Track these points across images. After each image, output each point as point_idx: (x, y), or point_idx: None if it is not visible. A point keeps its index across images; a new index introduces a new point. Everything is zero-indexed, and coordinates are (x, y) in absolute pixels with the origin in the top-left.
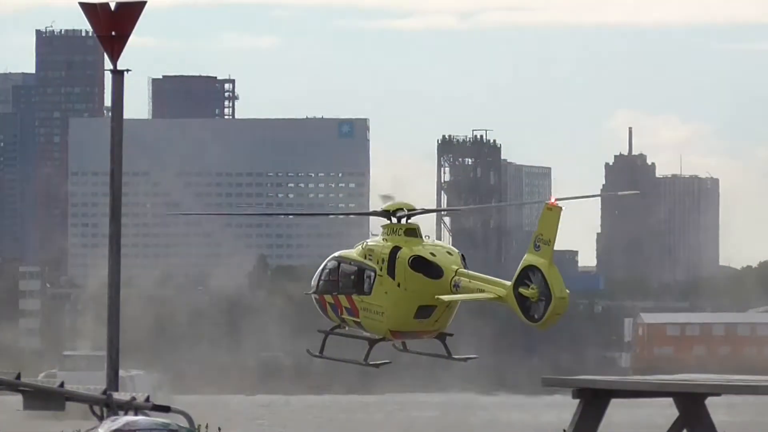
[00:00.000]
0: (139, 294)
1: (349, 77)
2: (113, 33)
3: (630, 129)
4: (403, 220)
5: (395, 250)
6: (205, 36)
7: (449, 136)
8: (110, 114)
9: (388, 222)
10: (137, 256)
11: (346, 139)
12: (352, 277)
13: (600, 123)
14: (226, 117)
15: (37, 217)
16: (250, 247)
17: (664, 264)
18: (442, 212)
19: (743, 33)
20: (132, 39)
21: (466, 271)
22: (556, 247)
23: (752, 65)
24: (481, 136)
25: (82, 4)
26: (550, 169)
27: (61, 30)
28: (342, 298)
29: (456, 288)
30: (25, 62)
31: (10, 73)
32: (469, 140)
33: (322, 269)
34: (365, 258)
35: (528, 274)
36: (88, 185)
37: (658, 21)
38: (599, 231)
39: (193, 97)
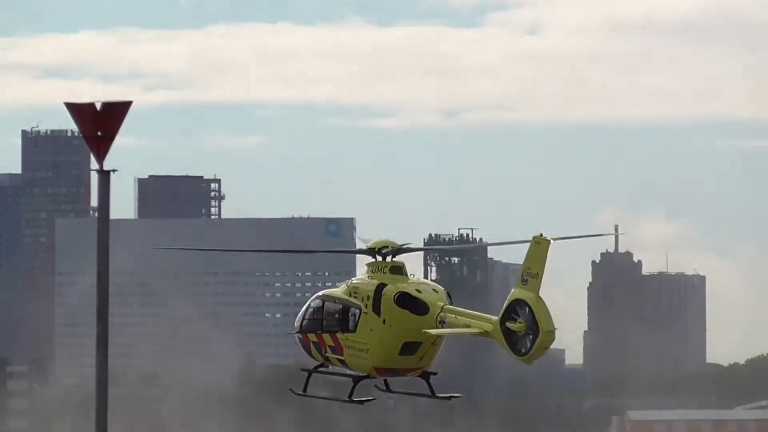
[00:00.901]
0: (126, 393)
1: (335, 176)
2: (99, 133)
3: (616, 227)
4: (389, 258)
5: (381, 287)
6: (190, 136)
7: (435, 234)
8: (96, 214)
9: (373, 260)
10: (125, 356)
11: (333, 238)
12: (337, 315)
13: (586, 221)
14: (212, 216)
15: (24, 317)
16: (240, 346)
17: (651, 361)
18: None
19: (727, 130)
20: (118, 139)
21: (452, 307)
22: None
23: (737, 163)
24: (467, 235)
25: (67, 105)
26: None
27: (46, 130)
28: (326, 336)
29: (442, 324)
30: (11, 163)
31: None
32: (456, 239)
33: (306, 308)
34: (350, 296)
35: (515, 308)
36: (74, 285)
37: (641, 118)
38: (586, 329)
39: (180, 197)
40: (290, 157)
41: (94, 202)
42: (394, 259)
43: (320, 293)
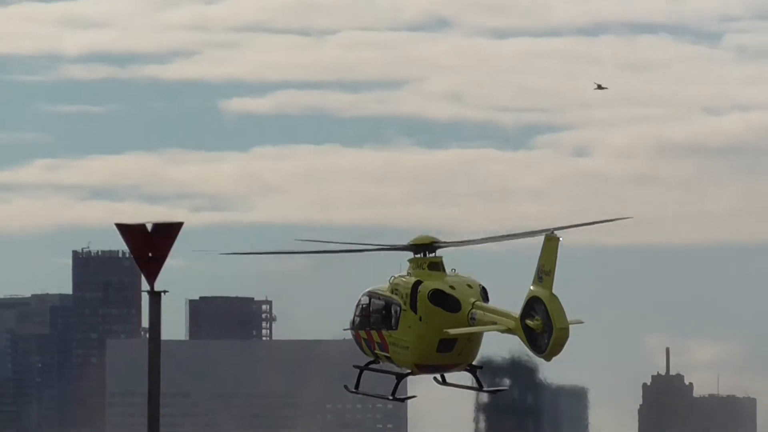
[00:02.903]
0: None
1: None
2: (150, 254)
3: (667, 349)
4: (429, 254)
5: (417, 284)
6: (240, 257)
7: (488, 356)
8: (148, 335)
9: (414, 256)
10: None
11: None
12: (382, 312)
13: (637, 343)
14: (263, 338)
15: None
16: None
17: None
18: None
19: None
20: (168, 259)
21: (481, 303)
22: None
23: None
24: (519, 357)
25: (118, 225)
26: (586, 389)
27: (97, 251)
28: (374, 333)
29: (472, 320)
30: (62, 283)
31: (47, 294)
32: (508, 360)
33: (357, 305)
34: (392, 293)
35: (533, 305)
36: (125, 406)
37: (690, 240)
38: None
39: (231, 318)
40: (338, 279)
41: (145, 323)
42: (433, 255)
43: (368, 289)
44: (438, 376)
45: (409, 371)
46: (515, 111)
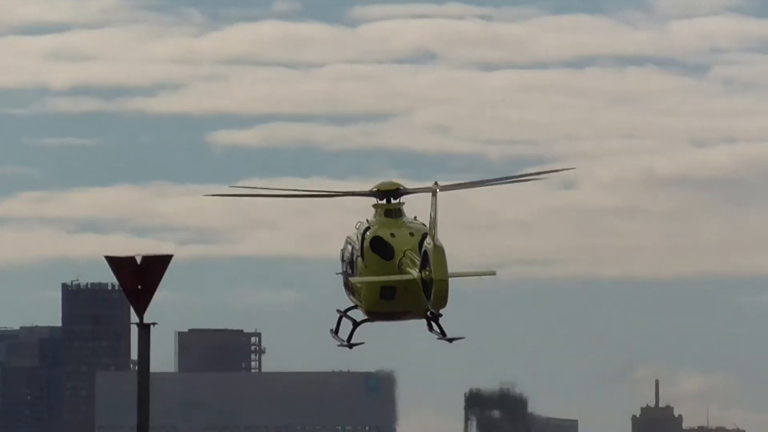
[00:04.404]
0: None
1: (373, 331)
2: (139, 287)
3: (657, 381)
4: (392, 201)
5: (366, 230)
6: (227, 290)
7: (477, 389)
8: (137, 367)
9: (378, 202)
10: None
11: (373, 393)
12: (350, 257)
13: (625, 375)
14: (252, 370)
15: None
16: None
17: None
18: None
19: (764, 286)
20: (156, 292)
21: (411, 253)
22: None
23: None
24: (509, 389)
25: (108, 258)
26: (576, 421)
27: (87, 284)
28: (348, 278)
29: (400, 268)
30: (51, 316)
31: (36, 326)
32: (497, 393)
33: (341, 249)
34: (357, 238)
35: (426, 257)
36: None
37: (677, 273)
38: None
39: (220, 350)
40: (330, 312)
41: (134, 355)
42: (392, 201)
43: (348, 235)
44: (427, 324)
45: (366, 318)
46: (502, 143)
